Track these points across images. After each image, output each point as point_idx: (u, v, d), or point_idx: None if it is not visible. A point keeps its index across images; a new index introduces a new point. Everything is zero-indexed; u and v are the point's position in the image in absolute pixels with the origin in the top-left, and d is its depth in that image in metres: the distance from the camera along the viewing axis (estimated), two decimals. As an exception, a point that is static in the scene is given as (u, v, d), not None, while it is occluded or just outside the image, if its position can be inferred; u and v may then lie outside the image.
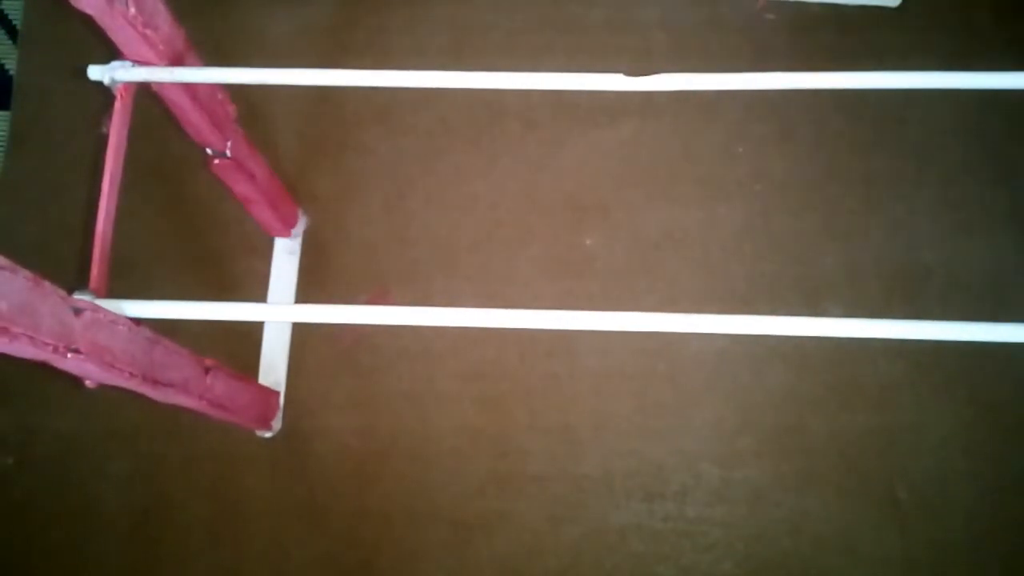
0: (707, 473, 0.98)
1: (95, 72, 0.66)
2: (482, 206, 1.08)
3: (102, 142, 0.67)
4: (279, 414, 1.01)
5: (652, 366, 1.02)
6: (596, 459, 1.00)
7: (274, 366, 1.03)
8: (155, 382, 0.67)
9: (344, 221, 1.09)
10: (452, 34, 1.14)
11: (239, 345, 1.04)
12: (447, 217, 1.08)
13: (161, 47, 0.67)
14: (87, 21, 0.65)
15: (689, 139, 1.08)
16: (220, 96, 0.78)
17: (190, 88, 0.72)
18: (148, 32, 0.65)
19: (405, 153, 1.10)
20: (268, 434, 1.00)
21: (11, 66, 1.18)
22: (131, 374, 0.63)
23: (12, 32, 1.18)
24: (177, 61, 0.69)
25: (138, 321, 0.63)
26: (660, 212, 1.06)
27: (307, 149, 1.12)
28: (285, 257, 1.07)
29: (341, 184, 1.10)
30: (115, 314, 0.60)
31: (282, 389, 1.03)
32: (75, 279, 0.63)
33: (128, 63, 0.67)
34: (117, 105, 0.67)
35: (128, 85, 0.67)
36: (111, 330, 0.60)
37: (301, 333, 1.04)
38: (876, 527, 0.96)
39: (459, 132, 1.11)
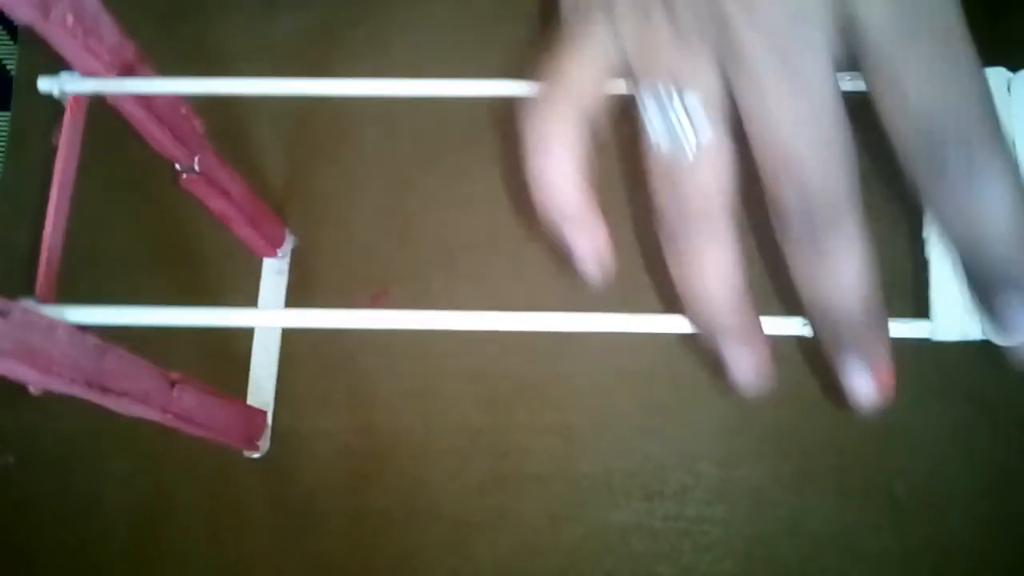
0: (707, 472, 0.99)
1: (44, 84, 0.65)
2: (482, 206, 1.08)
3: (51, 155, 0.66)
4: (266, 434, 1.01)
5: (652, 365, 1.02)
6: (596, 458, 1.00)
7: (262, 386, 1.02)
8: (104, 389, 0.66)
9: (344, 221, 1.09)
10: (453, 32, 1.14)
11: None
12: (447, 217, 1.08)
13: (107, 57, 0.66)
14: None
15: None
16: (183, 110, 0.76)
17: (145, 100, 0.70)
18: (91, 42, 0.64)
19: (405, 153, 1.11)
20: (255, 454, 1.00)
21: (12, 66, 1.17)
22: (72, 379, 0.62)
23: (12, 31, 1.18)
24: (127, 72, 0.68)
25: (84, 328, 0.62)
26: (660, 212, 1.06)
27: (306, 149, 1.12)
28: (273, 277, 1.06)
29: (341, 184, 1.10)
30: (51, 319, 0.59)
31: (270, 410, 1.02)
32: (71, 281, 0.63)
33: (76, 74, 0.66)
34: (67, 117, 0.66)
35: (78, 97, 0.66)
36: (47, 334, 0.59)
37: (297, 339, 1.04)
38: (875, 526, 0.96)
39: (459, 132, 1.11)
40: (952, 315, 0.50)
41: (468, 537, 0.99)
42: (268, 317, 0.92)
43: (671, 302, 0.51)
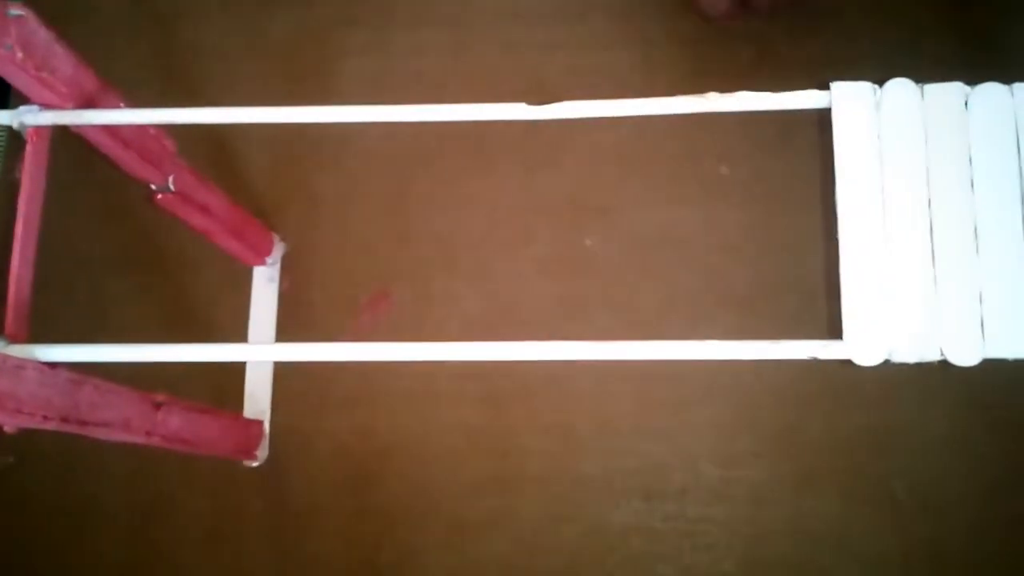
0: (707, 472, 0.99)
1: (4, 117, 0.65)
2: (482, 206, 1.08)
3: (15, 188, 0.65)
4: (264, 443, 1.01)
5: (652, 365, 1.02)
6: (596, 458, 1.00)
7: (257, 396, 1.02)
8: (83, 423, 0.66)
9: (342, 223, 1.08)
10: (453, 32, 1.14)
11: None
12: (447, 217, 1.08)
13: (63, 89, 0.65)
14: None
15: (689, 139, 1.09)
16: (152, 131, 0.75)
17: (110, 128, 0.70)
18: (44, 75, 0.64)
19: (405, 153, 1.10)
20: (254, 463, 1.00)
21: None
22: (45, 417, 0.61)
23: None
24: (87, 102, 0.67)
25: (54, 365, 0.61)
26: (660, 212, 1.06)
27: (304, 152, 1.12)
28: (264, 284, 1.06)
29: (339, 186, 1.10)
30: (21, 359, 0.58)
31: (266, 419, 1.02)
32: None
33: (35, 107, 0.65)
34: (29, 149, 0.65)
35: (39, 129, 0.65)
36: (16, 375, 0.58)
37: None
38: (875, 527, 0.96)
39: (459, 132, 1.11)
40: (869, 336, 0.49)
41: (468, 537, 0.99)
42: (254, 351, 0.90)
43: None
